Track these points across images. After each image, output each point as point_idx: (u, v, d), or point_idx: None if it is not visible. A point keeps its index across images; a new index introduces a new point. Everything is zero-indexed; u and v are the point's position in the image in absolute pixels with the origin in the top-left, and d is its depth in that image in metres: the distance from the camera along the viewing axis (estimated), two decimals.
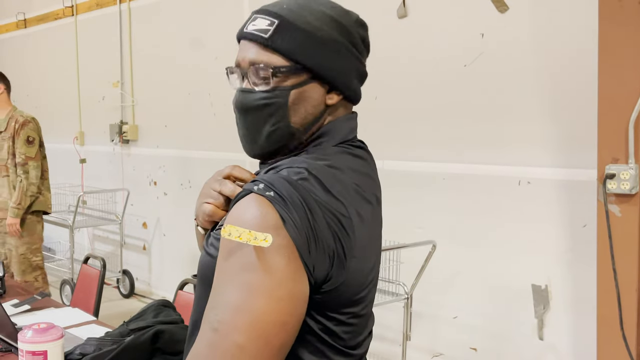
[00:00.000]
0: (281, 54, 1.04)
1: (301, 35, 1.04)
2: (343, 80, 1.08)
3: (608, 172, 2.58)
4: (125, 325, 2.08)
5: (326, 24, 1.05)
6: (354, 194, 1.03)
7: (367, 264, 1.05)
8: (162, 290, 5.62)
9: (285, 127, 1.06)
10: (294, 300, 0.92)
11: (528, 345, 3.33)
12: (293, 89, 1.05)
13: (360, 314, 1.06)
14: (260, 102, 1.05)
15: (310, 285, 0.94)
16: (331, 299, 0.98)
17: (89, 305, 2.98)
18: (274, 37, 1.04)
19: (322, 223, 0.94)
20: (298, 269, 0.92)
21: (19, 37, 7.39)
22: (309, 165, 1.00)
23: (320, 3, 1.09)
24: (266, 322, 0.90)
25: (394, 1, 3.76)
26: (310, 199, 0.95)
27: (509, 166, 3.36)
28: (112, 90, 6.03)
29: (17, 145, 4.17)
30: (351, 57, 1.08)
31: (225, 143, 4.66)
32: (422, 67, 3.67)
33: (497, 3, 3.34)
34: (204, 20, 5.04)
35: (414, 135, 3.75)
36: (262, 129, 1.07)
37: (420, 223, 3.70)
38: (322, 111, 1.08)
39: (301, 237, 0.92)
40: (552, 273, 3.23)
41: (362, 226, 1.02)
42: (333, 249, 0.95)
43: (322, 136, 1.09)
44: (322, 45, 1.05)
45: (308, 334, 0.99)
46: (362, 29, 1.11)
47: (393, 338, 3.70)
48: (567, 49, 3.10)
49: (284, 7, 1.07)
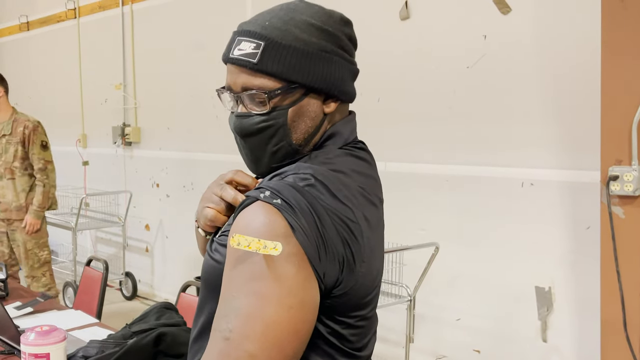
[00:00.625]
0: (273, 76, 1.02)
1: (290, 54, 1.02)
2: (338, 87, 1.07)
3: (611, 173, 2.57)
4: (127, 327, 2.08)
5: (313, 35, 1.04)
6: (360, 197, 1.03)
7: (375, 267, 1.05)
8: (165, 292, 5.62)
9: (287, 145, 1.06)
10: (305, 307, 0.91)
11: (531, 347, 3.33)
12: (290, 107, 1.04)
13: (367, 316, 1.06)
14: (260, 125, 1.05)
15: (320, 291, 0.94)
16: (341, 303, 0.98)
17: (91, 307, 2.98)
18: (262, 61, 1.02)
19: (331, 229, 0.94)
20: (308, 276, 0.92)
21: (21, 39, 7.41)
22: (314, 171, 0.99)
23: (301, 12, 1.06)
24: (278, 331, 0.89)
25: (397, 3, 3.76)
26: (318, 206, 0.94)
27: (512, 168, 3.36)
28: (114, 92, 6.03)
29: (34, 150, 4.29)
30: (342, 62, 1.07)
31: (227, 145, 4.65)
32: (425, 68, 3.67)
33: (499, 4, 3.34)
34: (207, 22, 5.05)
35: (416, 136, 3.74)
36: (265, 150, 1.07)
37: (423, 225, 3.70)
38: (322, 120, 1.08)
39: (311, 245, 0.92)
40: (556, 275, 3.22)
41: (369, 230, 1.02)
42: (343, 255, 0.95)
43: (327, 140, 1.09)
44: (313, 58, 1.03)
45: (317, 338, 0.99)
46: (347, 27, 1.09)
47: (396, 340, 3.69)
48: (570, 50, 3.10)
49: (267, 25, 1.04)
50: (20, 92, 6.14)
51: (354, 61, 1.11)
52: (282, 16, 1.05)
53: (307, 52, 1.03)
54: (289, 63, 1.02)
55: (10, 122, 4.28)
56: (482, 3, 3.41)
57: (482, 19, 3.41)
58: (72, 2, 6.43)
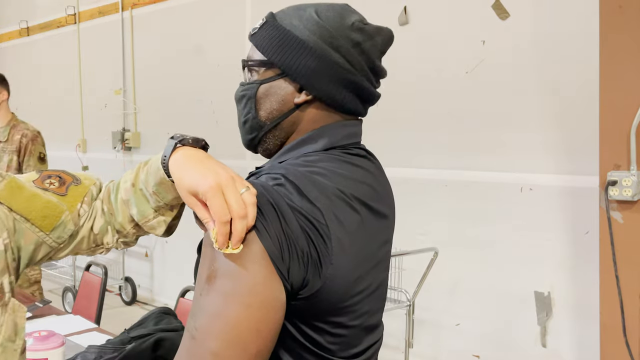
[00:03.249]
0: (258, 49, 1.10)
1: (278, 34, 1.08)
2: (312, 83, 1.06)
3: (610, 178, 2.57)
4: (126, 332, 2.08)
5: (308, 27, 1.06)
6: (336, 199, 1.00)
7: (353, 273, 1.01)
8: (165, 297, 5.61)
9: (252, 118, 1.11)
10: (267, 306, 0.90)
11: (531, 352, 3.32)
12: (262, 84, 1.10)
13: (348, 324, 1.03)
14: (239, 93, 1.14)
15: (287, 290, 0.93)
16: (310, 306, 0.96)
17: (90, 312, 2.98)
18: (256, 34, 1.11)
19: (295, 227, 0.93)
20: (270, 275, 0.91)
21: (21, 44, 7.42)
22: (286, 172, 0.99)
23: (316, 7, 1.09)
24: (239, 329, 0.89)
25: (396, 8, 3.77)
26: (283, 203, 0.94)
27: (510, 173, 3.36)
28: (114, 97, 6.04)
29: (30, 162, 4.04)
30: (328, 62, 1.06)
31: (227, 150, 4.65)
32: (424, 74, 3.68)
33: (498, 10, 3.34)
34: (206, 27, 5.06)
35: (415, 142, 3.75)
36: (240, 119, 1.15)
37: (422, 230, 3.70)
38: (291, 109, 1.09)
39: (274, 243, 0.91)
40: (555, 280, 3.22)
41: (343, 233, 0.99)
42: (307, 253, 0.94)
43: (307, 141, 1.09)
44: (297, 45, 1.06)
45: (291, 341, 0.99)
46: (357, 34, 1.09)
47: (395, 345, 3.69)
48: (568, 56, 3.11)
49: (283, 10, 1.12)
50: (20, 97, 6.15)
51: (351, 70, 1.08)
52: (300, 6, 1.11)
53: (292, 37, 1.06)
54: (272, 41, 1.08)
55: (8, 129, 4.03)
56: (480, 8, 3.41)
57: (481, 24, 3.42)
58: (72, 8, 6.44)
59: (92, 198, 1.28)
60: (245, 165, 4.53)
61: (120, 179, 1.27)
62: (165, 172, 1.11)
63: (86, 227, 1.25)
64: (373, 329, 1.12)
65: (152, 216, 1.21)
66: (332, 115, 1.11)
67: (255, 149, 1.16)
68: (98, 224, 1.26)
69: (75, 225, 1.23)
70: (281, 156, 1.10)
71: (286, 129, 1.10)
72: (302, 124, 1.10)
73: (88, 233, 1.26)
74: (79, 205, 1.24)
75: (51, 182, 1.25)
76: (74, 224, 1.23)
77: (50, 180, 1.26)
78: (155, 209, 1.20)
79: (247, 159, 4.45)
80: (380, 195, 1.12)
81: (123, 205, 1.23)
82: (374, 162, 1.16)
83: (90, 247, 1.28)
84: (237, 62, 1.15)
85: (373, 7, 3.95)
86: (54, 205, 1.21)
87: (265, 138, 1.12)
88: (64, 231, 1.21)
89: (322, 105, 1.09)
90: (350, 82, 1.09)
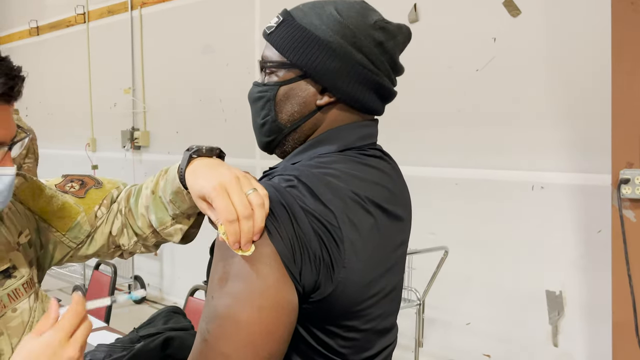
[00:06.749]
0: (277, 50, 1.06)
1: (298, 34, 1.04)
2: (335, 84, 1.04)
3: (622, 176, 2.55)
4: (135, 331, 2.08)
5: (329, 26, 1.02)
6: (350, 202, 0.98)
7: (366, 276, 1.00)
8: (174, 296, 5.62)
9: (272, 121, 1.08)
10: (279, 309, 0.89)
11: (542, 352, 3.30)
12: (283, 85, 1.06)
13: (361, 328, 1.02)
14: (256, 94, 1.09)
15: (298, 293, 0.92)
16: (322, 309, 0.95)
17: (99, 311, 2.98)
18: (273, 33, 1.07)
19: (307, 229, 0.92)
20: (282, 277, 0.90)
21: (31, 44, 7.45)
22: (300, 173, 0.97)
23: (336, 4, 1.05)
24: (251, 332, 0.88)
25: (406, 6, 3.75)
26: (296, 205, 0.92)
27: (522, 171, 3.34)
28: (123, 96, 6.05)
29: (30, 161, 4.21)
30: (352, 62, 1.03)
31: (236, 149, 4.66)
32: (434, 71, 3.66)
33: (509, 7, 3.32)
34: (215, 26, 5.06)
35: (425, 140, 3.73)
36: (257, 121, 1.11)
37: (433, 229, 3.68)
38: (313, 111, 1.06)
39: (286, 246, 0.90)
40: (567, 279, 3.19)
41: (356, 236, 0.97)
42: (319, 256, 0.92)
43: (323, 142, 1.06)
44: (317, 46, 1.02)
45: (302, 344, 0.97)
46: (380, 33, 1.06)
47: (405, 344, 3.67)
48: (580, 53, 3.08)
49: (298, 7, 1.08)
50: (30, 96, 6.17)
51: (374, 70, 1.05)
52: (317, 3, 1.07)
53: (314, 38, 1.02)
54: (293, 42, 1.04)
55: None
56: (491, 5, 3.39)
57: (492, 21, 3.40)
58: (82, 7, 6.46)
59: (111, 201, 1.33)
60: (254, 164, 4.53)
61: (143, 183, 1.30)
62: (182, 183, 1.13)
63: (105, 229, 1.30)
64: (386, 332, 1.11)
65: (169, 224, 1.23)
66: (352, 116, 1.08)
67: (271, 151, 1.14)
68: (115, 225, 1.31)
69: (92, 227, 1.29)
70: (295, 157, 1.08)
71: (306, 131, 1.08)
72: (323, 125, 1.07)
73: (107, 235, 1.31)
74: (97, 207, 1.30)
75: (72, 185, 1.33)
76: (90, 225, 1.28)
77: (72, 184, 1.33)
78: (173, 217, 1.22)
79: (256, 158, 4.45)
80: (395, 197, 1.10)
81: (144, 210, 1.26)
82: (390, 162, 1.14)
83: (110, 249, 1.33)
84: (246, 61, 1.13)
85: (383, 4, 3.94)
86: (70, 207, 1.28)
87: (285, 141, 1.09)
88: (80, 232, 1.28)
89: (344, 106, 1.07)
90: (374, 83, 1.07)
